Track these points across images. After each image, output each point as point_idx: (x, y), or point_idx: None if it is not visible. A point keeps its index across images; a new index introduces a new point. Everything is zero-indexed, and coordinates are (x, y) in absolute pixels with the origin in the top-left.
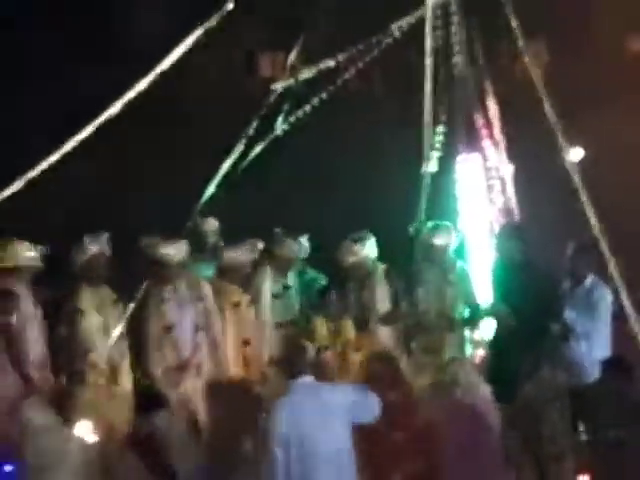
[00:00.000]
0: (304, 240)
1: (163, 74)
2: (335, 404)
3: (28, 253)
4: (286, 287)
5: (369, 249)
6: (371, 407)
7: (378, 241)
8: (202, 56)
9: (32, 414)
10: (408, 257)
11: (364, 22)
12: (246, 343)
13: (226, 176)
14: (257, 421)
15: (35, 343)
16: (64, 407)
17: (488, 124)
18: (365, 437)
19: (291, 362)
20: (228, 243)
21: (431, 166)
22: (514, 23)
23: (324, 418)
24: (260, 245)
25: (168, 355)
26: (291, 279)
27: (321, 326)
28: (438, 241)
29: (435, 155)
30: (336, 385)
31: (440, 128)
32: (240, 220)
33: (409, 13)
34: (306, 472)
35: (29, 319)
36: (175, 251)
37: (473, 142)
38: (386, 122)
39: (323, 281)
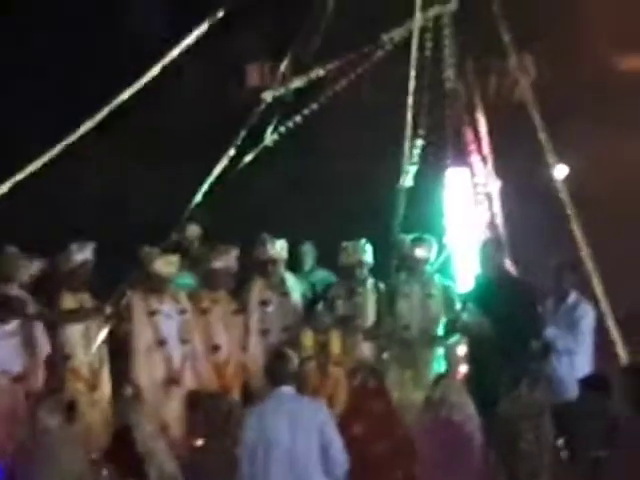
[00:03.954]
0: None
1: (153, 80)
2: (306, 417)
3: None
4: (284, 293)
5: (366, 255)
6: (338, 447)
7: None
8: (192, 63)
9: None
10: (387, 269)
11: (356, 32)
12: (216, 349)
13: (215, 184)
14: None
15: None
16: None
17: (477, 139)
18: (348, 446)
19: (273, 371)
20: (210, 250)
21: (407, 180)
22: (505, 38)
23: (292, 428)
24: (236, 252)
25: (157, 367)
26: (292, 284)
27: (307, 338)
28: (419, 253)
29: (412, 169)
30: (314, 401)
31: (419, 142)
32: (227, 227)
33: (401, 25)
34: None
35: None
36: (170, 265)
37: (462, 157)
38: (375, 133)
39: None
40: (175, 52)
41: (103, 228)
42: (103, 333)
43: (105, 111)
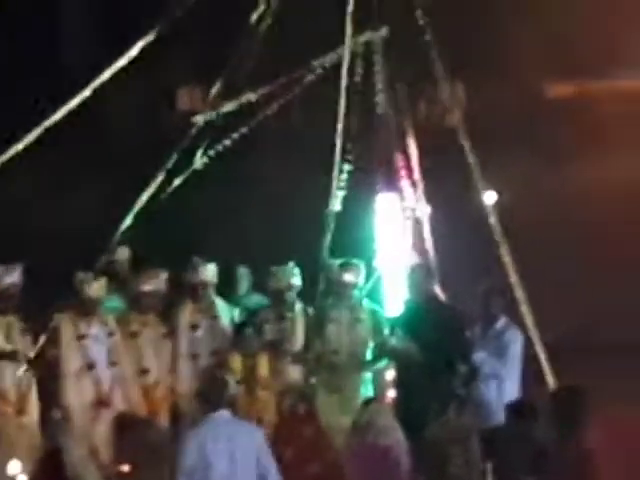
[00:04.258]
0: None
1: (84, 102)
2: (244, 442)
3: None
4: (214, 316)
5: (295, 278)
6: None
7: None
8: (123, 87)
9: None
10: (315, 293)
11: (287, 57)
12: (144, 372)
13: (145, 207)
14: (163, 456)
15: None
16: None
17: (407, 164)
18: (281, 470)
19: (210, 395)
20: (139, 272)
21: (336, 204)
22: (437, 66)
23: (231, 452)
24: (165, 275)
25: (87, 391)
26: (221, 308)
27: (235, 361)
28: (347, 278)
29: (340, 194)
30: (251, 425)
31: (347, 167)
32: (158, 249)
33: (333, 50)
34: None
35: None
36: (99, 288)
37: (392, 181)
38: (305, 157)
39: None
40: (106, 74)
41: (35, 250)
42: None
43: (36, 132)
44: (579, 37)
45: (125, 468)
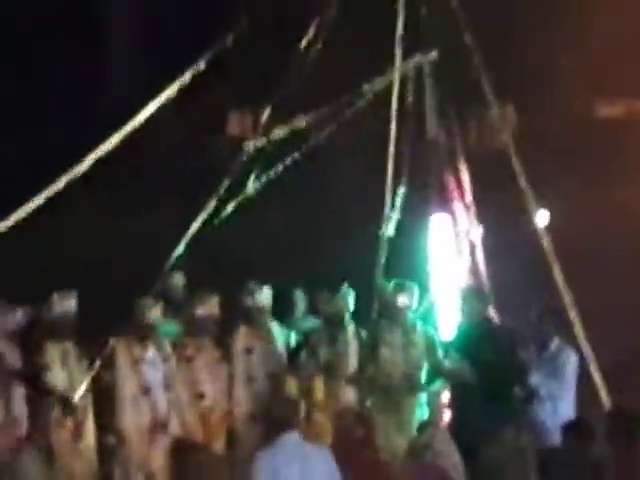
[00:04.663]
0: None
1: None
2: (316, 466)
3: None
4: (269, 340)
5: (348, 301)
6: None
7: None
8: (172, 113)
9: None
10: (368, 316)
11: (337, 82)
12: (200, 396)
13: (198, 232)
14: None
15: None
16: None
17: (459, 186)
18: None
19: (281, 417)
20: (194, 298)
21: (389, 228)
22: (486, 88)
23: (303, 475)
24: (217, 298)
25: (143, 415)
26: (276, 332)
27: (291, 385)
28: (401, 300)
29: (394, 216)
30: (321, 448)
31: (401, 190)
32: (211, 275)
33: (383, 74)
34: None
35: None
36: (155, 313)
37: (444, 204)
38: (358, 180)
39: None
40: (157, 101)
41: (89, 277)
42: (86, 382)
43: (86, 163)
44: (628, 57)
45: None
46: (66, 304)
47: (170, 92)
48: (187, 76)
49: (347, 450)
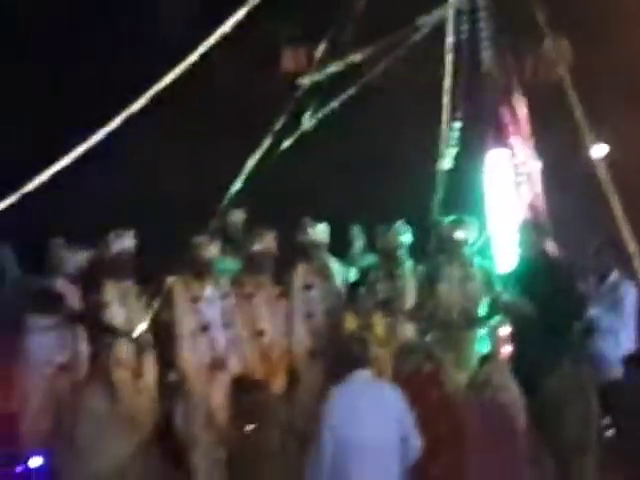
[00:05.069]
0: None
1: (189, 67)
2: (388, 403)
3: (80, 256)
4: (327, 277)
5: (404, 237)
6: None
7: None
8: (227, 50)
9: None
10: (426, 252)
11: (391, 16)
12: (260, 333)
13: (255, 169)
14: (277, 418)
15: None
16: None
17: (515, 120)
18: None
19: (352, 354)
20: (251, 234)
21: (446, 163)
22: (541, 19)
23: (377, 411)
24: (274, 234)
25: (202, 353)
26: (334, 268)
27: (350, 321)
28: (458, 235)
29: (450, 151)
30: (391, 385)
31: (457, 124)
32: (268, 211)
33: (438, 8)
34: (352, 463)
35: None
36: (213, 250)
37: (501, 139)
38: (414, 115)
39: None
40: (212, 38)
41: (148, 215)
42: (145, 320)
43: (144, 99)
44: None
45: (246, 428)
46: (124, 242)
47: (225, 28)
48: (242, 12)
49: (415, 387)
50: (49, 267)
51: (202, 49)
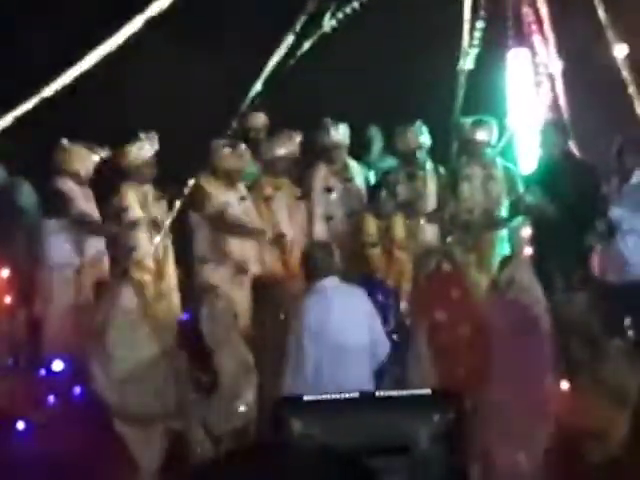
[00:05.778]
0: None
1: None
2: (356, 307)
3: (91, 157)
4: (348, 179)
5: (423, 137)
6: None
7: None
8: None
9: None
10: (447, 153)
11: None
12: (280, 236)
13: (275, 71)
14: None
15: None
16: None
17: (538, 20)
18: (430, 331)
19: (317, 262)
20: (273, 137)
21: (468, 62)
22: None
23: (350, 315)
24: (299, 137)
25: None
26: (355, 170)
27: (370, 223)
28: (480, 136)
29: (472, 52)
30: (358, 290)
31: (479, 24)
32: (289, 113)
33: None
34: (335, 364)
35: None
36: (241, 159)
37: (523, 38)
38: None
39: None
40: None
41: (165, 118)
42: (167, 222)
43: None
44: None
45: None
46: (145, 146)
47: None
48: None
49: (437, 287)
50: (54, 169)
51: None
